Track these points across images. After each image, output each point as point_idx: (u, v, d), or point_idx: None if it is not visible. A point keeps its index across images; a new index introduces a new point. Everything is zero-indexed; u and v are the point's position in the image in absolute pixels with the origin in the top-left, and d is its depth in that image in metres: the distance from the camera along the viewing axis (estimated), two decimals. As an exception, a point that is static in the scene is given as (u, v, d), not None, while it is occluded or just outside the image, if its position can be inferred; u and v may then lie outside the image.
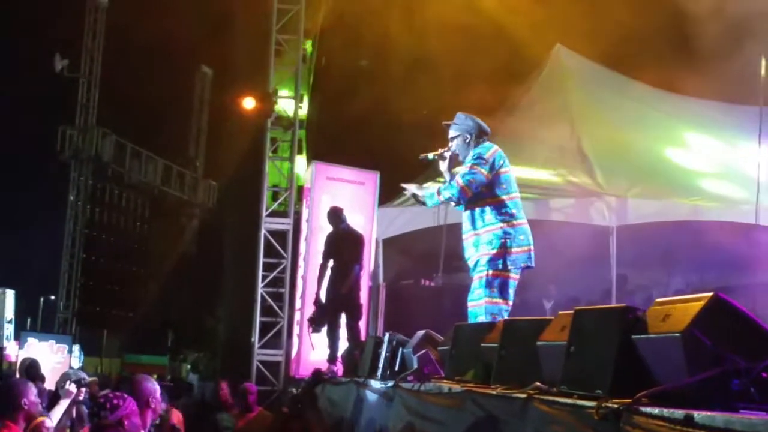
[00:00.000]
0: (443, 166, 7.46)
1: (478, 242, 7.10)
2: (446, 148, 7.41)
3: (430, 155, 7.50)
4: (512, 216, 7.11)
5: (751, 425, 2.56)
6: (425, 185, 7.68)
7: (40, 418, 6.24)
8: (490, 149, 7.18)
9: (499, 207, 7.10)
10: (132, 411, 5.15)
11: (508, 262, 6.99)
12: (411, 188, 7.75)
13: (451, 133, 7.39)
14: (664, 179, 13.56)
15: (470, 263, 7.23)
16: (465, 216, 7.28)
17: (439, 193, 7.30)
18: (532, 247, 7.15)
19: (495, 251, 6.99)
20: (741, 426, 2.58)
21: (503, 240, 7.00)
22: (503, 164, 7.17)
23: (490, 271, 6.98)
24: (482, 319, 6.80)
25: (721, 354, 3.07)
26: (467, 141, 7.29)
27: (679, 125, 14.20)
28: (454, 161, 7.45)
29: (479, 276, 7.05)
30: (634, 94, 14.32)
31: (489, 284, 6.97)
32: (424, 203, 7.65)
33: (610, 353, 3.56)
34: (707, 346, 3.07)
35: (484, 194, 7.10)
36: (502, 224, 7.05)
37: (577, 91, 14.04)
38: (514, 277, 7.12)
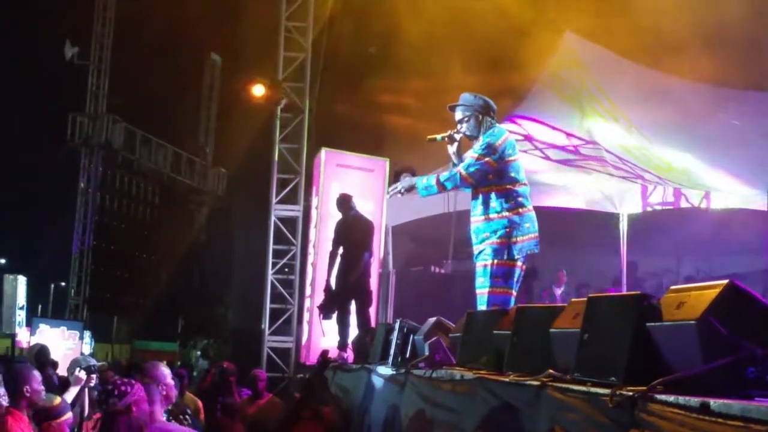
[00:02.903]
0: (452, 148, 7.42)
1: (483, 229, 7.06)
2: (455, 130, 7.34)
3: (439, 137, 7.42)
4: (519, 204, 7.05)
5: (768, 413, 2.56)
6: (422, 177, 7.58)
7: (65, 416, 6.22)
8: (501, 137, 7.11)
9: (507, 195, 7.04)
10: (141, 397, 5.16)
11: (514, 251, 6.94)
12: (405, 183, 7.53)
13: (459, 114, 7.30)
14: (675, 165, 13.52)
15: (475, 250, 7.19)
16: (472, 201, 7.25)
17: (439, 183, 7.23)
18: (537, 234, 7.10)
19: (499, 240, 6.95)
20: (758, 414, 2.57)
21: (508, 229, 6.95)
22: (512, 152, 7.11)
23: (495, 261, 6.94)
24: (484, 308, 6.77)
25: (736, 341, 3.06)
26: (479, 120, 7.21)
27: (692, 110, 14.15)
28: (463, 143, 7.40)
29: (483, 264, 7.03)
30: (645, 81, 14.27)
31: (493, 274, 6.93)
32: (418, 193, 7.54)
33: (625, 341, 3.55)
34: (722, 334, 3.07)
35: (491, 181, 7.04)
36: (508, 212, 7.00)
37: (587, 78, 13.99)
38: (520, 266, 7.06)
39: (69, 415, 6.28)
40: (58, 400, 6.37)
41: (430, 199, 14.70)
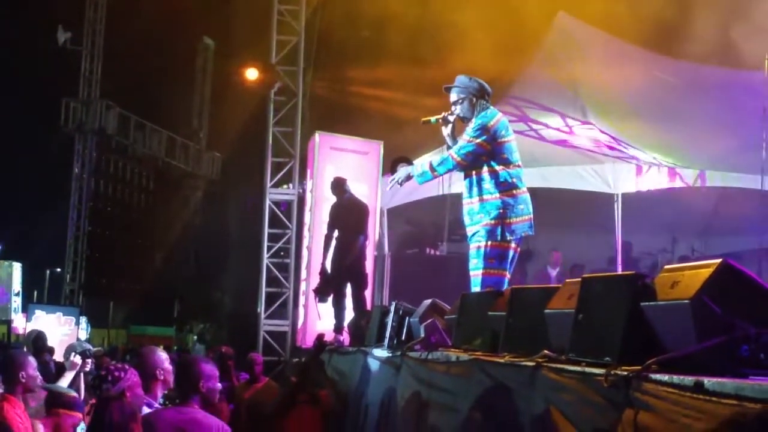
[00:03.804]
0: (446, 130, 7.40)
1: (477, 211, 7.06)
2: (449, 112, 7.32)
3: (433, 119, 7.40)
4: (513, 185, 7.04)
5: (762, 391, 2.56)
6: (415, 161, 7.59)
7: (76, 412, 6.20)
8: (494, 118, 7.11)
9: (499, 176, 7.03)
10: (134, 383, 5.14)
11: (507, 233, 6.95)
12: (401, 173, 7.63)
13: (454, 96, 7.28)
14: (669, 145, 13.53)
15: (468, 231, 7.20)
16: (464, 183, 7.25)
17: (432, 169, 7.26)
18: (532, 216, 7.11)
19: (493, 221, 6.95)
20: (752, 392, 2.58)
21: (502, 210, 6.95)
22: (506, 133, 7.11)
23: (489, 242, 6.95)
24: (478, 290, 6.80)
25: (730, 320, 3.07)
26: (473, 102, 7.19)
27: (684, 90, 14.14)
28: (457, 125, 7.39)
29: (476, 246, 7.04)
30: (638, 60, 14.26)
31: (487, 255, 6.94)
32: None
33: (619, 321, 3.56)
34: (716, 313, 3.07)
35: (484, 163, 7.05)
36: (501, 194, 6.99)
37: (581, 59, 13.98)
38: (514, 247, 7.08)
39: (79, 414, 6.26)
40: (74, 393, 6.37)
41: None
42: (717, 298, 3.09)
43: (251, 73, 16.12)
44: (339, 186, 11.96)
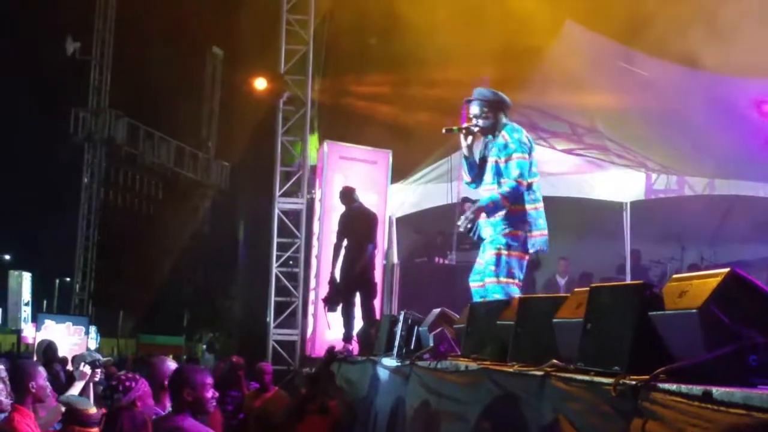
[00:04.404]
0: (465, 141, 7.27)
1: (501, 220, 6.98)
2: (472, 123, 7.22)
3: (455, 129, 7.28)
4: (537, 199, 7.06)
5: (770, 400, 2.57)
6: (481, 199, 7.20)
7: (93, 429, 6.20)
8: (524, 133, 7.10)
9: (529, 189, 7.01)
10: (145, 392, 5.16)
11: (528, 244, 6.94)
12: (471, 210, 7.10)
13: (476, 109, 7.20)
14: (678, 155, 13.51)
15: (487, 238, 7.11)
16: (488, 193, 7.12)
17: (504, 197, 6.93)
18: (547, 232, 7.09)
19: (516, 232, 6.94)
20: (760, 402, 2.58)
21: (526, 223, 6.94)
22: (532, 147, 7.12)
23: (510, 252, 6.91)
24: (498, 296, 6.72)
25: (738, 330, 3.07)
26: (496, 116, 7.14)
27: (692, 99, 14.13)
28: (476, 137, 7.31)
29: (495, 253, 6.95)
30: (647, 69, 14.25)
31: (506, 264, 6.90)
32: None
33: (627, 330, 3.56)
34: (724, 322, 3.07)
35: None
36: (528, 206, 6.98)
37: (588, 67, 13.97)
38: (528, 258, 7.09)
39: (96, 430, 6.26)
40: (95, 410, 6.37)
41: (433, 190, 14.77)
42: (725, 307, 3.10)
43: (260, 83, 16.17)
44: (348, 195, 11.97)
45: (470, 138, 7.26)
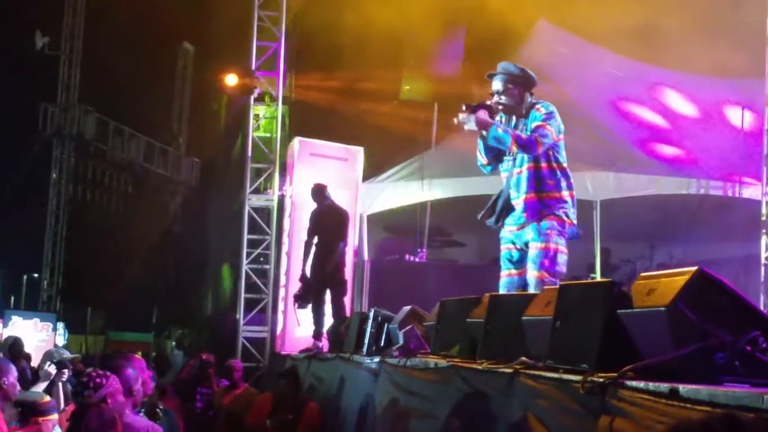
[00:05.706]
0: (490, 119, 6.44)
1: (542, 205, 6.46)
2: (493, 100, 6.55)
3: (474, 105, 6.47)
4: (571, 186, 6.61)
5: (735, 398, 2.58)
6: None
7: (52, 416, 6.15)
8: (556, 109, 6.51)
9: (566, 174, 6.57)
10: (116, 389, 5.13)
11: (566, 233, 6.48)
12: (479, 118, 6.36)
13: (500, 84, 6.57)
14: (648, 154, 13.60)
15: (522, 224, 6.54)
16: (522, 176, 6.51)
17: (515, 142, 6.33)
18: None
19: (561, 219, 6.46)
20: (725, 399, 2.60)
21: (568, 210, 6.51)
22: (562, 130, 6.56)
23: (556, 245, 6.39)
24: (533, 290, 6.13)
25: (705, 328, 3.09)
26: (522, 93, 6.58)
27: (664, 97, 14.23)
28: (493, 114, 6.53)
29: (540, 247, 6.38)
30: (619, 68, 14.34)
31: (552, 258, 6.36)
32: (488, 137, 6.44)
33: (596, 328, 3.58)
34: (692, 320, 3.09)
35: (549, 157, 6.48)
36: (568, 192, 6.55)
37: (561, 66, 14.02)
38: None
39: (55, 416, 6.21)
40: (47, 398, 6.31)
41: (404, 188, 14.79)
42: (693, 305, 3.11)
43: (231, 79, 16.08)
44: (319, 192, 11.95)
45: (493, 116, 6.49)
